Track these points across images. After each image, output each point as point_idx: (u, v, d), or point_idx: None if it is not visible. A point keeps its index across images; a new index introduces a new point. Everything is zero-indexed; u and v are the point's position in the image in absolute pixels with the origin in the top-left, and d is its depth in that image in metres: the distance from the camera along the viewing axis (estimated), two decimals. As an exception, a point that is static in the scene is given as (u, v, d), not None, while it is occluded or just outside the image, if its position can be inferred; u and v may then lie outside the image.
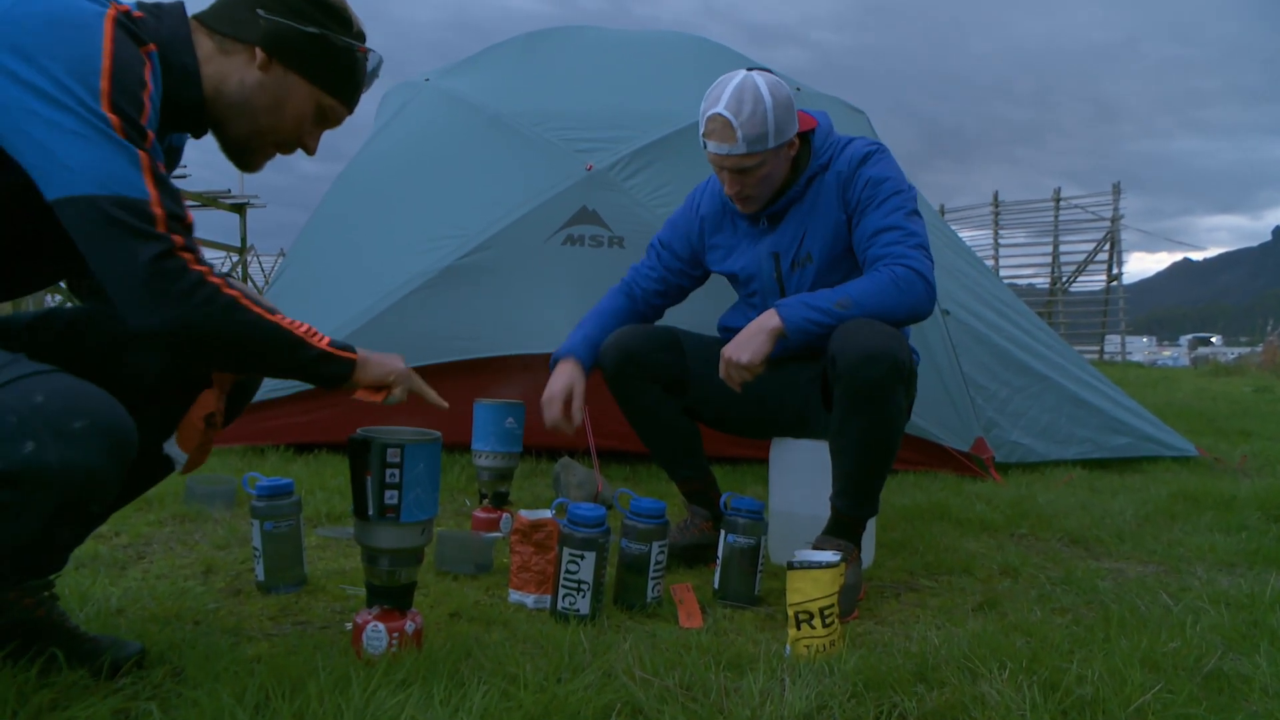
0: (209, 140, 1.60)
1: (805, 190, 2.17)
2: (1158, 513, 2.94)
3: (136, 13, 1.29)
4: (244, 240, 13.16)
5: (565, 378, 2.22)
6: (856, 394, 1.90)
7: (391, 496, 1.45)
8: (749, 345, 1.97)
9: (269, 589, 1.92)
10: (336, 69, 1.41)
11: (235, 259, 13.38)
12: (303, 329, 1.34)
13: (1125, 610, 1.87)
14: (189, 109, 1.36)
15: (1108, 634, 1.69)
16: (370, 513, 1.45)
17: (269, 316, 1.28)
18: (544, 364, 3.31)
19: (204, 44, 1.36)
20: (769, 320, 1.98)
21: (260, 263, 17.61)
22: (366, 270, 3.55)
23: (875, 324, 1.92)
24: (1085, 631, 1.73)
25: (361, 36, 1.44)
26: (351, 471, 1.47)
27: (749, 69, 2.09)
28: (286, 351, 1.31)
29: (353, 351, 1.40)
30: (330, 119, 1.46)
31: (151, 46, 1.26)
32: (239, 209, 12.80)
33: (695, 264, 2.40)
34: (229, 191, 12.71)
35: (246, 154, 1.44)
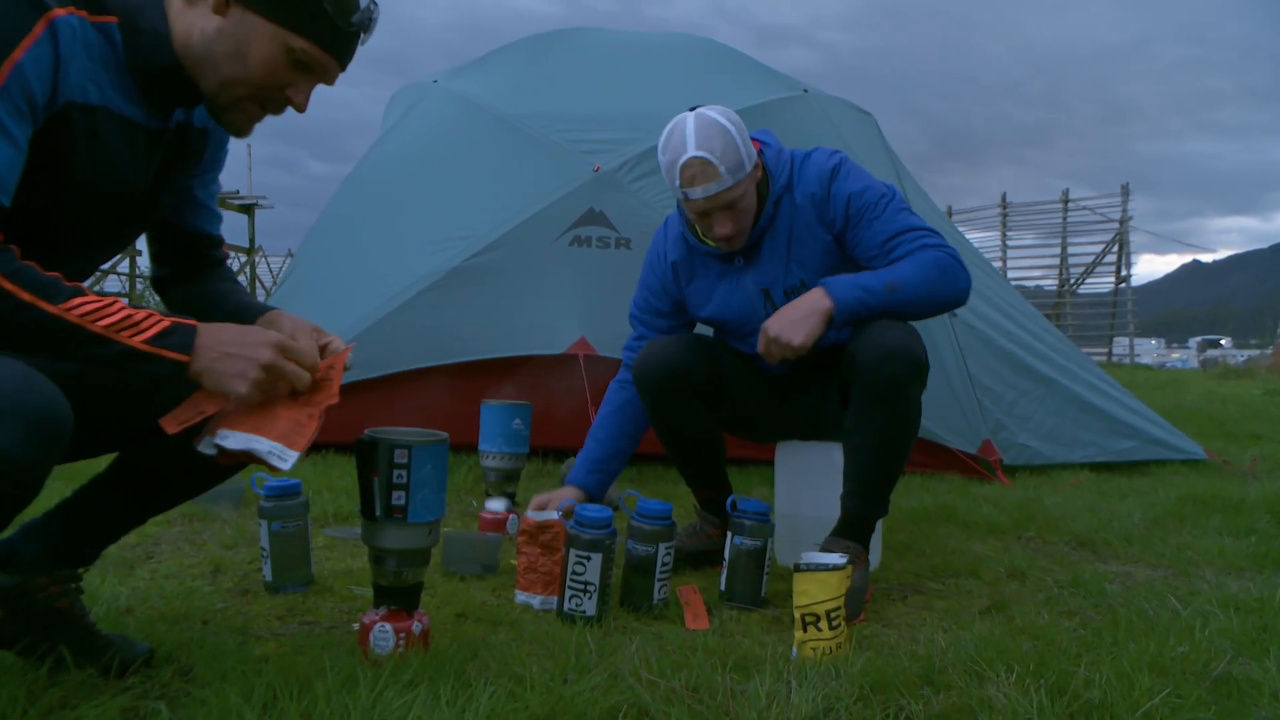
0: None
1: (775, 215, 2.08)
2: (1166, 516, 2.93)
3: None
4: (252, 241, 13.20)
5: (564, 495, 2.14)
6: (874, 391, 1.90)
7: (399, 497, 1.45)
8: (802, 326, 1.90)
9: (276, 589, 1.93)
10: (298, 2, 1.27)
11: (243, 259, 13.43)
12: (108, 321, 1.16)
13: (1133, 614, 1.86)
14: (163, 75, 1.29)
15: (1115, 638, 1.69)
16: (377, 513, 1.46)
17: (44, 306, 1.12)
18: (551, 365, 3.35)
19: (175, 3, 1.29)
20: (819, 301, 1.91)
21: (268, 263, 17.66)
22: (374, 271, 3.56)
23: (895, 323, 1.92)
24: (1093, 635, 1.73)
25: None
26: (359, 472, 1.47)
27: (690, 109, 2.01)
28: (72, 346, 1.15)
29: (185, 353, 1.21)
30: (313, 67, 1.32)
31: (60, 12, 1.17)
32: (247, 210, 12.84)
33: (682, 312, 2.30)
34: (237, 192, 12.75)
35: (223, 112, 1.34)
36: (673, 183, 2.00)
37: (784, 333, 1.90)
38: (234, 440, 1.26)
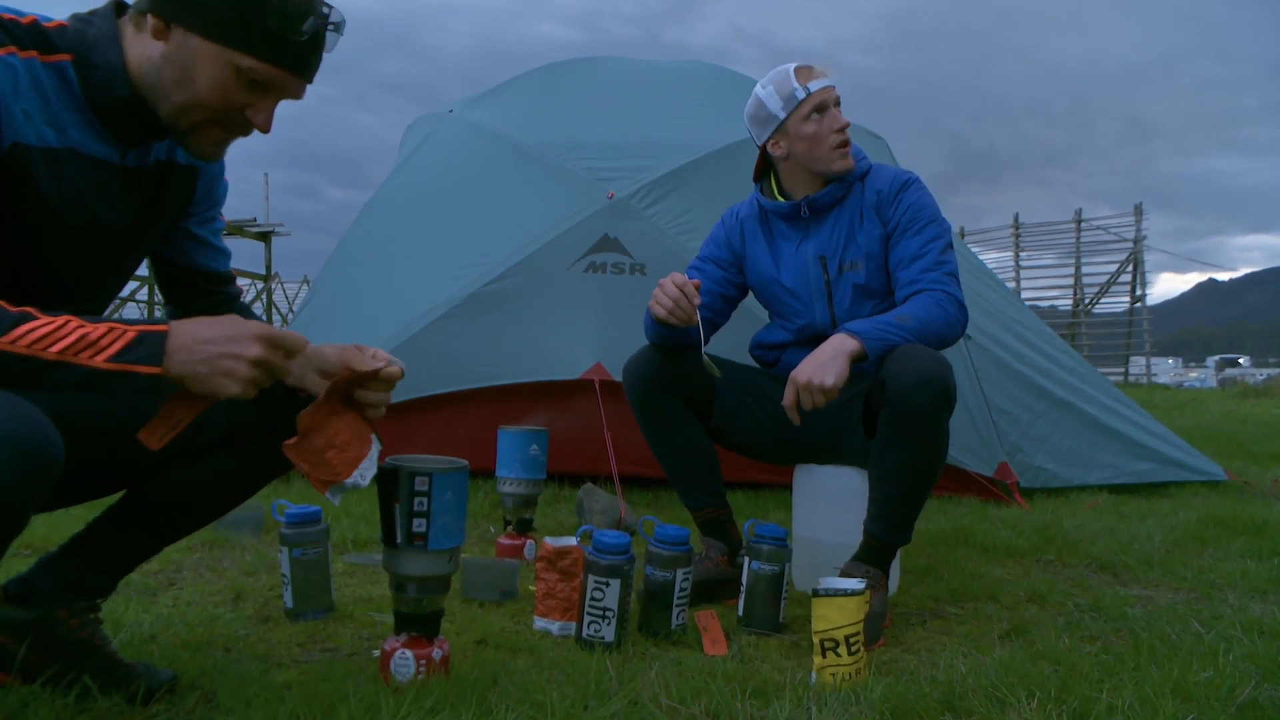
0: (231, 169, 1.52)
1: (848, 193, 2.23)
2: (1187, 538, 2.91)
3: (50, 23, 1.22)
4: (269, 268, 13.34)
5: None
6: (906, 419, 1.91)
7: (419, 525, 1.46)
8: (831, 368, 1.90)
9: (298, 615, 1.94)
10: (236, 18, 1.19)
11: (260, 286, 13.57)
12: (62, 345, 1.09)
13: (1155, 638, 1.84)
14: (122, 108, 1.24)
15: (1138, 663, 1.68)
16: (399, 540, 1.47)
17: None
18: (567, 391, 3.37)
19: (128, 33, 1.24)
20: (843, 343, 1.94)
21: (284, 290, 17.82)
22: (392, 297, 3.60)
23: (926, 350, 1.94)
24: (1115, 660, 1.72)
25: None
26: (380, 500, 1.49)
27: None
28: (30, 377, 1.09)
29: (155, 364, 1.12)
30: (269, 85, 1.25)
31: (3, 50, 1.14)
32: (264, 237, 12.99)
33: (739, 269, 2.38)
34: (254, 220, 12.90)
35: (184, 138, 1.28)
36: (789, 91, 2.17)
37: (815, 376, 1.91)
38: (369, 469, 1.37)
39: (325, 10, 1.25)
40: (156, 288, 1.60)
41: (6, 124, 1.16)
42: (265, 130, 1.29)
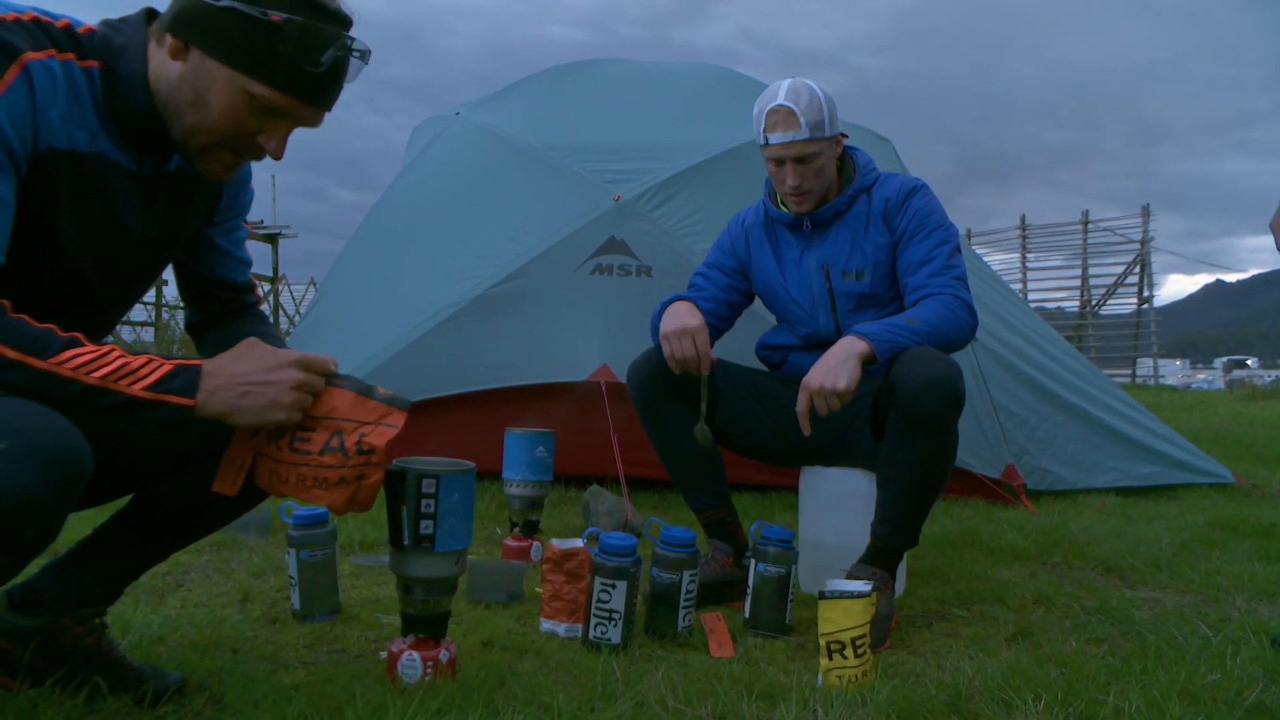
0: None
1: (850, 205, 2.23)
2: (1194, 541, 2.90)
3: (81, 28, 1.22)
4: (276, 270, 13.38)
5: (689, 313, 2.15)
6: (914, 422, 1.91)
7: (426, 526, 1.47)
8: (843, 371, 1.90)
9: (305, 617, 1.95)
10: (250, 45, 1.19)
11: (266, 288, 13.60)
12: (104, 371, 1.14)
13: (1163, 641, 1.84)
14: (139, 119, 1.24)
15: (1145, 665, 1.67)
16: (406, 542, 1.47)
17: (33, 362, 1.10)
18: (573, 392, 3.37)
19: (152, 45, 1.24)
20: (853, 345, 1.95)
21: (291, 291, 17.86)
22: (399, 299, 3.61)
23: (936, 353, 1.95)
24: (1121, 663, 1.71)
25: (306, 9, 1.20)
26: (387, 502, 1.49)
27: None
28: (69, 400, 1.12)
29: (190, 396, 1.18)
30: (281, 113, 1.24)
31: (35, 55, 1.14)
32: (271, 239, 13.03)
33: (742, 278, 2.39)
34: (261, 222, 12.95)
35: (194, 159, 1.28)
36: (758, 130, 2.16)
37: (827, 381, 1.91)
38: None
39: (347, 41, 1.24)
40: (172, 288, 1.63)
41: (42, 129, 1.17)
42: (277, 157, 1.29)
